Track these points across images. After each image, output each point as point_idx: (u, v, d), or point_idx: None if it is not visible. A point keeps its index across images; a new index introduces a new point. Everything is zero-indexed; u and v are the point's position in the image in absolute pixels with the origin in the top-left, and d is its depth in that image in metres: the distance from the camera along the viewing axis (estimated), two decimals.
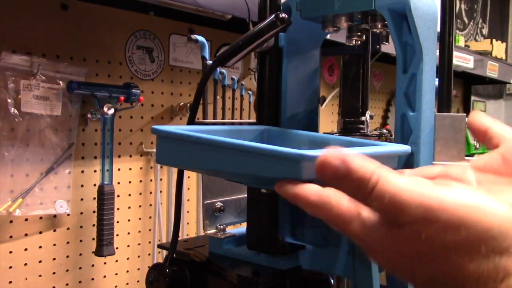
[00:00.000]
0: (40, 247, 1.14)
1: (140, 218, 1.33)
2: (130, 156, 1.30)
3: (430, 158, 0.65)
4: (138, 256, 1.33)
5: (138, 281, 1.33)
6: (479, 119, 0.42)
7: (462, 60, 2.08)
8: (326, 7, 0.68)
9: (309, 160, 0.46)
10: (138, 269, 1.33)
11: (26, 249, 1.11)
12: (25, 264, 1.11)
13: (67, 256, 1.19)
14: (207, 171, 0.69)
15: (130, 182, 1.30)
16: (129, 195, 1.30)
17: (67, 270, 1.19)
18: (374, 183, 0.33)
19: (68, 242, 1.18)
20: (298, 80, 0.75)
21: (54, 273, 1.16)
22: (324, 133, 0.74)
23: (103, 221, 1.16)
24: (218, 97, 1.21)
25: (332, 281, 0.76)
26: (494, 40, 2.66)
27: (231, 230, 0.78)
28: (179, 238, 0.75)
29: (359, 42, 0.73)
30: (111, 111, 1.18)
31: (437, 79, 0.70)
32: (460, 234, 0.32)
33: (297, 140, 0.68)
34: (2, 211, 1.04)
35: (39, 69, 1.08)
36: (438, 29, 0.75)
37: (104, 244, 1.17)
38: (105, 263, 1.25)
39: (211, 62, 0.89)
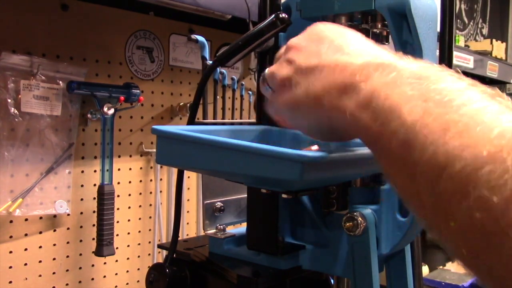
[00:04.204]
0: (40, 247, 1.14)
1: (140, 218, 1.33)
2: (130, 156, 1.30)
3: None
4: (138, 256, 1.33)
5: (138, 281, 1.33)
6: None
7: (462, 60, 2.08)
8: (326, 7, 0.68)
9: (309, 160, 0.46)
10: (138, 269, 1.33)
11: (26, 249, 1.11)
12: (25, 264, 1.11)
13: (67, 256, 1.19)
14: (207, 171, 0.69)
15: (130, 182, 1.30)
16: (129, 195, 1.30)
17: (67, 270, 1.19)
18: None
19: (68, 242, 1.18)
20: None
21: (54, 273, 1.16)
22: None
23: (103, 221, 1.16)
24: (218, 97, 1.21)
25: (332, 281, 0.76)
26: (494, 40, 2.66)
27: (231, 230, 0.78)
28: (179, 238, 0.75)
29: None
30: (111, 111, 1.18)
31: None
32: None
33: (297, 140, 0.68)
34: (2, 211, 1.04)
35: (39, 69, 1.08)
36: (438, 29, 0.75)
37: (104, 244, 1.17)
38: (105, 263, 1.25)
39: (211, 62, 0.89)
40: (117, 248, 1.22)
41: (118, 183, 1.26)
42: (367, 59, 0.41)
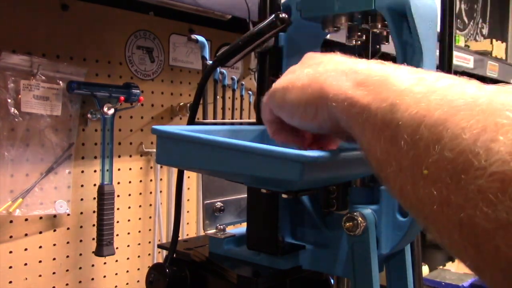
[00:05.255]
0: (40, 247, 1.14)
1: (140, 218, 1.33)
2: (130, 156, 1.30)
3: None
4: (138, 256, 1.33)
5: (138, 281, 1.33)
6: None
7: (462, 60, 2.08)
8: (326, 7, 0.68)
9: (309, 160, 0.46)
10: (138, 269, 1.33)
11: (26, 249, 1.11)
12: (25, 264, 1.11)
13: (67, 256, 1.19)
14: (207, 171, 0.69)
15: (130, 182, 1.30)
16: (129, 195, 1.30)
17: (67, 270, 1.19)
18: None
19: (68, 242, 1.18)
20: None
21: (54, 273, 1.16)
22: None
23: (103, 221, 1.16)
24: (218, 97, 1.21)
25: (332, 281, 0.76)
26: (494, 40, 2.65)
27: (231, 230, 0.78)
28: (179, 238, 0.75)
29: (359, 42, 0.72)
30: (111, 111, 1.18)
31: None
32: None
33: None
34: (2, 211, 1.04)
35: (39, 69, 1.08)
36: (438, 29, 0.75)
37: (104, 244, 1.17)
38: (105, 263, 1.25)
39: (211, 62, 0.89)
40: (117, 248, 1.22)
41: (118, 183, 1.26)
42: (367, 63, 0.44)
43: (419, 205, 0.33)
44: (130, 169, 1.30)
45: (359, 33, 0.71)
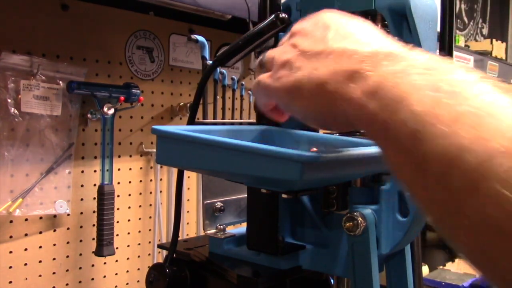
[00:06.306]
0: (40, 247, 1.14)
1: (140, 218, 1.33)
2: (130, 156, 1.30)
3: None
4: (138, 256, 1.33)
5: (138, 281, 1.33)
6: None
7: (462, 60, 2.08)
8: (326, 7, 0.67)
9: (309, 160, 0.46)
10: (138, 269, 1.33)
11: (26, 249, 1.11)
12: (25, 264, 1.11)
13: (67, 256, 1.19)
14: (207, 171, 0.69)
15: (130, 182, 1.30)
16: (129, 195, 1.30)
17: (67, 270, 1.19)
18: None
19: (68, 242, 1.18)
20: None
21: (54, 273, 1.16)
22: (324, 133, 0.74)
23: (103, 221, 1.16)
24: (218, 97, 1.21)
25: (332, 281, 0.76)
26: (494, 40, 2.66)
27: (231, 230, 0.78)
28: (179, 238, 0.75)
29: None
30: (111, 111, 1.18)
31: None
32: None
33: (297, 140, 0.68)
34: (2, 211, 1.04)
35: (39, 69, 1.08)
36: (438, 29, 0.75)
37: (104, 244, 1.17)
38: (105, 263, 1.25)
39: (211, 62, 0.89)
40: (117, 248, 1.22)
41: (118, 183, 1.26)
42: (375, 47, 0.40)
43: (455, 240, 0.32)
44: (130, 169, 1.30)
45: None
